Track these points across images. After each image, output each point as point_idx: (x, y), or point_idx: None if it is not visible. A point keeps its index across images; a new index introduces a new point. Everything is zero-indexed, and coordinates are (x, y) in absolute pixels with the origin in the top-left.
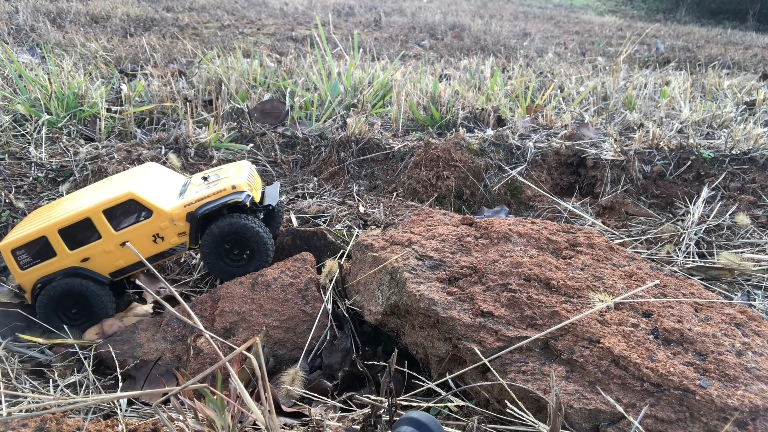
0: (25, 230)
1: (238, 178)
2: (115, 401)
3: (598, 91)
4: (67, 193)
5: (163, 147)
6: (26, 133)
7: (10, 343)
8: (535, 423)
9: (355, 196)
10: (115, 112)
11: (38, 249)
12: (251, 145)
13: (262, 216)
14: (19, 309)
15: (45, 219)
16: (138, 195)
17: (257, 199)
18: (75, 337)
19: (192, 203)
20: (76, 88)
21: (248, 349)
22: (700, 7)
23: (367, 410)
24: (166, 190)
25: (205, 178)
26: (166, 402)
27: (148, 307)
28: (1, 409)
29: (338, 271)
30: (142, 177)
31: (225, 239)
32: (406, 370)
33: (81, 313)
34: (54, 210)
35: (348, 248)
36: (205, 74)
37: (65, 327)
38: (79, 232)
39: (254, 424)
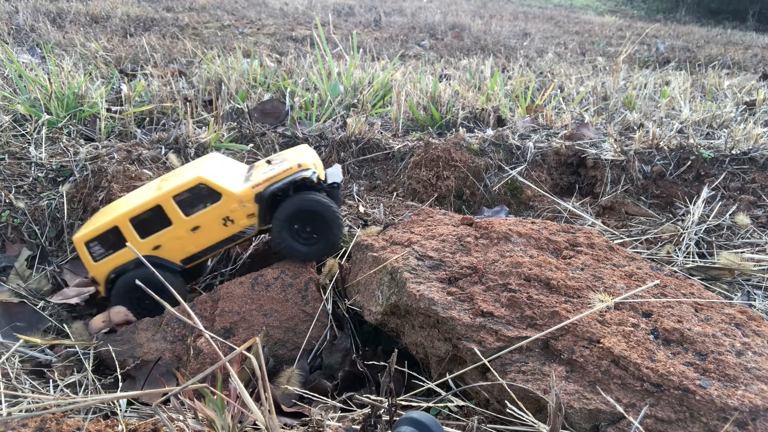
0: (96, 223)
1: (303, 157)
2: (115, 401)
3: (598, 91)
4: (67, 193)
5: (163, 147)
6: (26, 133)
7: (10, 342)
8: (535, 423)
9: (355, 196)
10: (115, 112)
11: (111, 240)
12: (251, 145)
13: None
14: (19, 309)
15: (115, 211)
16: (207, 179)
17: (321, 178)
18: (75, 337)
19: (260, 183)
20: (76, 88)
21: (248, 349)
22: (700, 7)
23: (367, 410)
24: (232, 175)
25: (269, 162)
26: (166, 402)
27: None
28: (1, 409)
29: (338, 271)
30: (208, 164)
31: (296, 216)
32: (406, 370)
33: (154, 305)
34: (123, 203)
35: (348, 248)
36: (205, 74)
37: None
38: (150, 220)
39: (254, 424)
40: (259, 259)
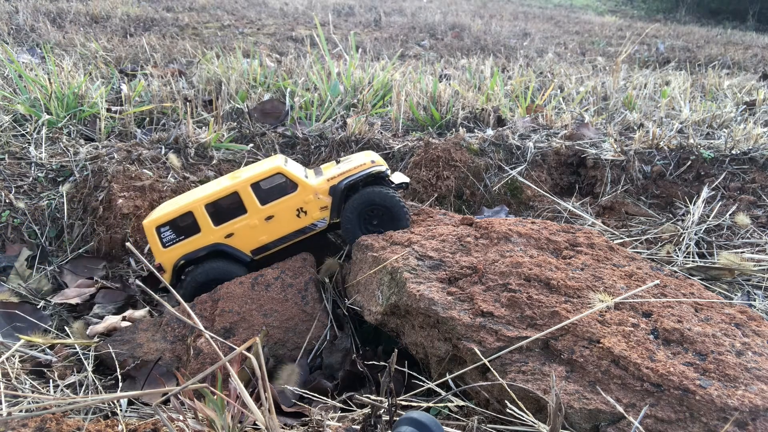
0: (168, 208)
1: (374, 156)
2: (115, 401)
3: (598, 91)
4: (67, 193)
5: (163, 147)
6: (26, 133)
7: (10, 342)
8: (535, 423)
9: None
10: (115, 112)
11: (183, 225)
12: (251, 145)
13: None
14: (19, 309)
15: (189, 198)
16: (285, 169)
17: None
18: (75, 337)
19: (335, 177)
20: (76, 88)
21: (248, 349)
22: (700, 7)
23: (367, 410)
24: (304, 172)
25: (337, 162)
26: (166, 402)
27: (143, 312)
28: (1, 409)
29: (338, 271)
30: (281, 160)
31: (366, 209)
32: (406, 370)
33: None
34: (195, 191)
35: (348, 248)
36: (205, 74)
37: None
38: (225, 207)
39: (254, 424)
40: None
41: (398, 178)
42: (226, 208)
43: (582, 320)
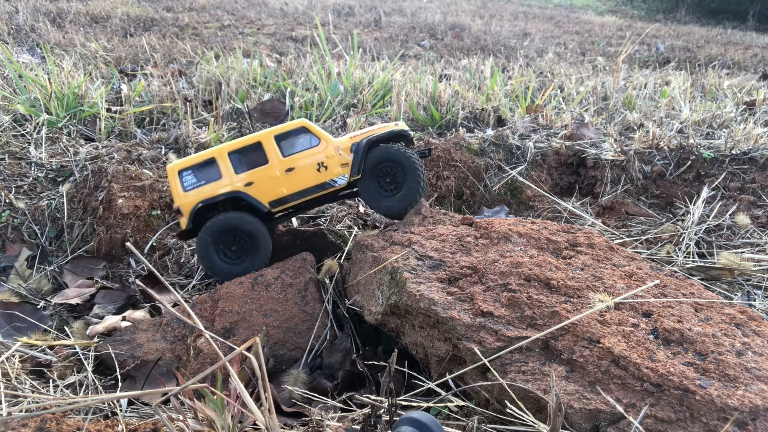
0: (193, 155)
1: (399, 123)
2: (115, 401)
3: (598, 91)
4: (67, 193)
5: (163, 147)
6: (26, 133)
7: (10, 342)
8: (535, 423)
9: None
10: (115, 112)
11: (205, 171)
12: None
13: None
14: (19, 309)
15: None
16: (310, 124)
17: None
18: (75, 337)
19: (358, 136)
20: (76, 88)
21: (248, 349)
22: (700, 7)
23: (367, 410)
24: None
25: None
26: (166, 402)
27: (143, 313)
28: (1, 409)
29: (338, 271)
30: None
31: (380, 165)
32: (406, 370)
33: (240, 252)
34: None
35: (348, 248)
36: (205, 74)
37: (223, 266)
38: (248, 156)
39: (254, 424)
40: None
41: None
42: (248, 157)
43: (582, 320)
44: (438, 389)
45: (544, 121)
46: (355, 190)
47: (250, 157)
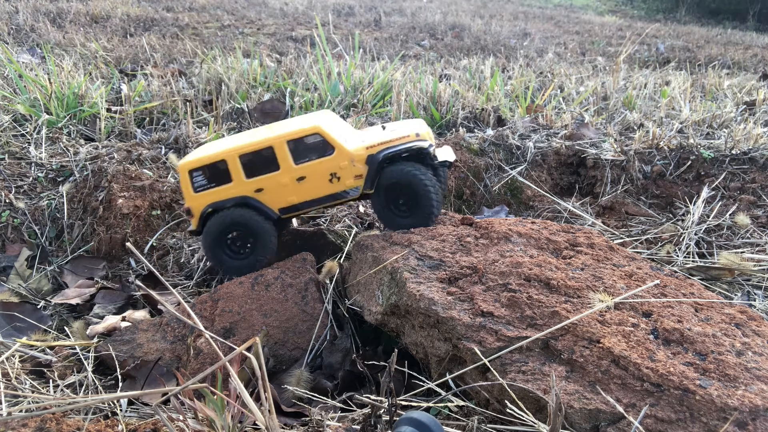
0: (204, 153)
1: (420, 128)
2: (115, 401)
3: (598, 91)
4: (67, 193)
5: (163, 147)
6: (26, 133)
7: (10, 342)
8: (535, 423)
9: None
10: (115, 112)
11: (216, 172)
12: None
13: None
14: (19, 309)
15: (224, 145)
16: (324, 130)
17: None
18: (75, 337)
19: (374, 146)
20: (76, 88)
21: (248, 349)
22: (700, 7)
23: (367, 410)
24: (346, 134)
25: (383, 127)
26: (166, 402)
27: (143, 313)
28: (1, 409)
29: (338, 271)
30: (324, 118)
31: (393, 186)
32: (406, 370)
33: (244, 247)
34: (235, 138)
35: (348, 248)
36: (205, 74)
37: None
38: (259, 161)
39: (254, 424)
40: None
41: (444, 154)
42: (259, 162)
43: (582, 320)
44: (438, 389)
45: (544, 121)
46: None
47: (261, 162)
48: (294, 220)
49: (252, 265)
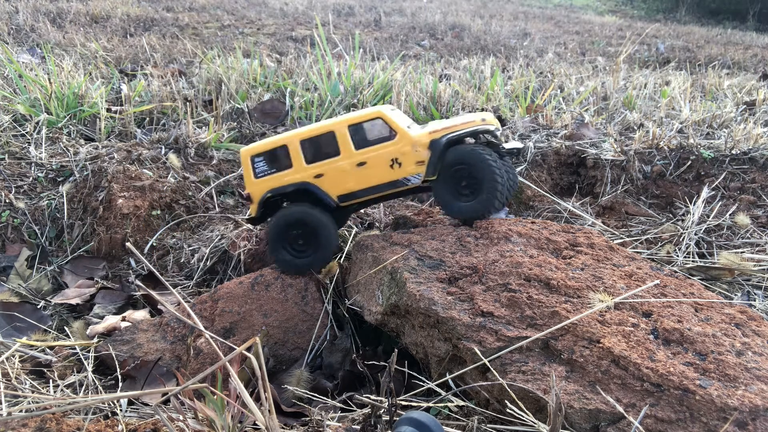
0: (268, 140)
1: (486, 115)
2: (115, 401)
3: (598, 91)
4: (67, 193)
5: (163, 147)
6: (26, 133)
7: (10, 342)
8: (535, 423)
9: None
10: (115, 112)
11: (277, 158)
12: None
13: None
14: (19, 309)
15: (290, 132)
16: (386, 115)
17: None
18: (75, 337)
19: (438, 131)
20: (76, 88)
21: (248, 349)
22: (700, 7)
23: (367, 410)
24: (409, 123)
25: (446, 118)
26: (166, 402)
27: (143, 313)
28: (1, 409)
29: (338, 271)
30: (386, 107)
31: (455, 168)
32: (406, 370)
33: (306, 246)
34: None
35: (348, 248)
36: (205, 74)
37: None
38: (320, 146)
39: (254, 424)
40: (259, 259)
41: (512, 143)
42: (320, 148)
43: (582, 320)
44: (438, 389)
45: (544, 121)
46: (429, 188)
47: (322, 147)
48: None
49: (309, 264)
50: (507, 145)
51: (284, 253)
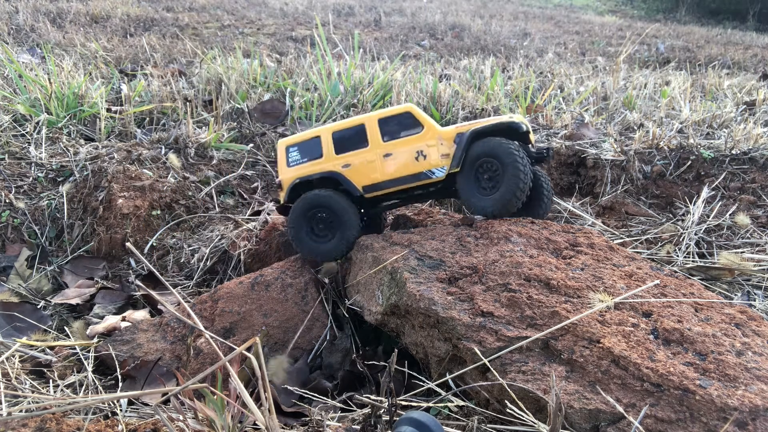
0: (304, 132)
1: (516, 115)
2: (115, 401)
3: (598, 91)
4: (67, 193)
5: (163, 147)
6: (26, 133)
7: (10, 342)
8: (535, 423)
9: None
10: (115, 112)
11: (309, 148)
12: (251, 145)
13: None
14: (19, 309)
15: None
16: (415, 110)
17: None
18: (75, 337)
19: (465, 126)
20: (76, 88)
21: (248, 349)
22: (700, 7)
23: (367, 410)
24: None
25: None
26: (166, 402)
27: (143, 313)
28: (1, 409)
29: (338, 271)
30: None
31: (479, 160)
32: (406, 370)
33: (327, 231)
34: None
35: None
36: (205, 74)
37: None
38: (350, 138)
39: (254, 424)
40: (259, 259)
41: (539, 145)
42: (350, 139)
43: (582, 320)
44: (438, 389)
45: (544, 121)
46: (453, 189)
47: (352, 139)
48: None
49: (329, 251)
50: (537, 147)
51: (306, 238)
